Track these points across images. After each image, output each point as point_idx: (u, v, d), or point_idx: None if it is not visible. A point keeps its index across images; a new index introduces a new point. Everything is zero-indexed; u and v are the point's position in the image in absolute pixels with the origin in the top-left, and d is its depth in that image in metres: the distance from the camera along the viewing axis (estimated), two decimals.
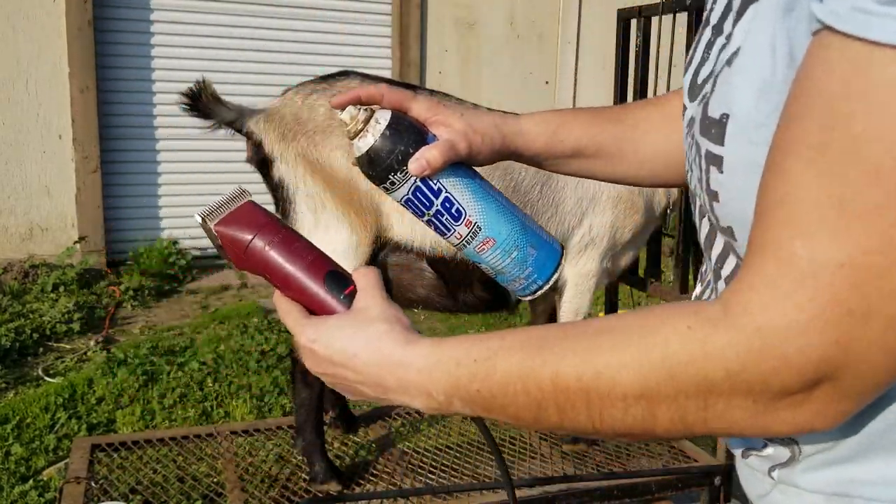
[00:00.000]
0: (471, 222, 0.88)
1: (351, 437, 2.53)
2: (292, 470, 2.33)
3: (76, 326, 4.48)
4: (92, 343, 4.30)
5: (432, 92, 2.19)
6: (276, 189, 2.07)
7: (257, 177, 2.15)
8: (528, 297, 0.94)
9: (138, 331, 4.60)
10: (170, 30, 5.95)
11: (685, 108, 0.76)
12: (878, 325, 0.51)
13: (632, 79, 2.79)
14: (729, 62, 0.64)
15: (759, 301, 0.55)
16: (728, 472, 2.32)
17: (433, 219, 0.89)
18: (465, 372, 0.68)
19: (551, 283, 0.92)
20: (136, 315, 4.93)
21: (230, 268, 5.95)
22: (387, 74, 6.50)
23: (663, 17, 2.61)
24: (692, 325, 0.59)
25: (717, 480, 2.30)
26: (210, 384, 3.66)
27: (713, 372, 0.57)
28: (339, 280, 0.79)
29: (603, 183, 2.29)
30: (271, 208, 2.14)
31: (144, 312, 5.00)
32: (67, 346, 4.29)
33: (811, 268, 0.52)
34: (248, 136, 2.06)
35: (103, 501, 2.10)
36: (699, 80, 0.72)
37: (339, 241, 2.03)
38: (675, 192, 2.48)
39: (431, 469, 2.31)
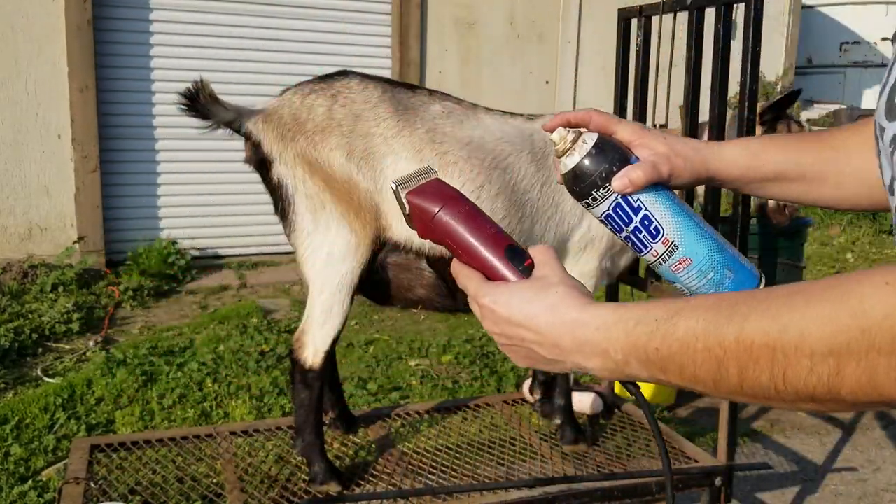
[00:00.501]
0: (668, 241, 0.91)
1: (351, 437, 2.53)
2: (292, 470, 2.32)
3: (75, 327, 4.47)
4: (91, 343, 4.29)
5: (431, 92, 2.18)
6: (276, 190, 2.06)
7: (256, 177, 2.14)
8: None
9: (137, 331, 4.60)
10: (169, 29, 5.94)
11: (882, 128, 0.77)
12: None
13: (632, 78, 2.79)
14: None
15: None
16: (729, 472, 2.31)
17: (631, 235, 0.93)
18: (645, 330, 0.70)
19: None
20: (136, 315, 4.93)
21: (233, 267, 5.94)
22: (387, 74, 6.49)
23: (664, 16, 2.60)
24: (891, 280, 0.58)
25: (717, 481, 2.29)
26: (209, 384, 3.65)
27: None
28: (518, 253, 0.83)
29: None
30: (270, 209, 2.13)
31: (143, 313, 4.99)
32: (66, 347, 4.28)
33: None
34: (247, 136, 2.05)
35: (102, 502, 2.09)
36: None
37: (339, 242, 2.02)
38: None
39: (431, 470, 2.30)
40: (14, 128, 5.43)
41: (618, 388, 2.77)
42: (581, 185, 0.93)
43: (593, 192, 0.92)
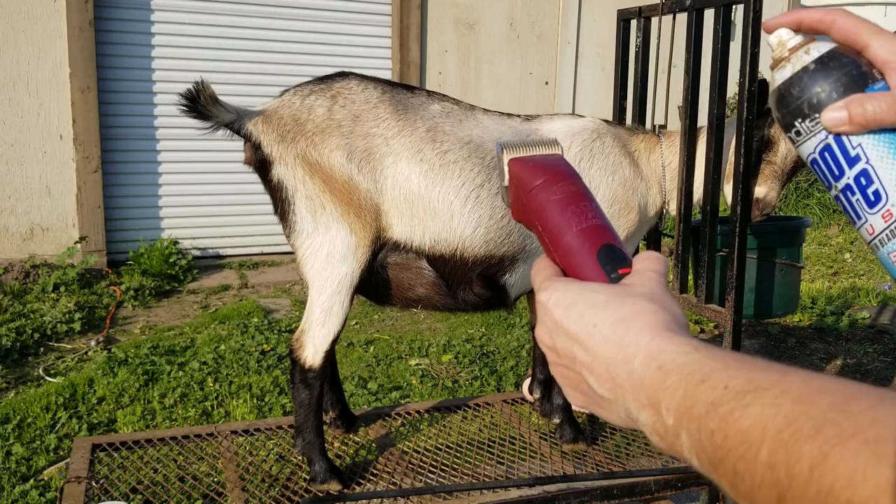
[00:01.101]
0: (892, 215, 0.65)
1: (351, 436, 2.54)
2: (293, 469, 2.33)
3: (77, 326, 4.49)
4: (93, 343, 4.30)
5: (429, 92, 2.19)
6: (275, 191, 2.07)
7: (257, 177, 2.15)
8: None
9: (139, 331, 4.61)
10: (170, 30, 5.96)
11: None
12: None
13: (632, 79, 2.80)
14: None
15: None
16: None
17: (840, 195, 0.68)
18: (708, 397, 0.47)
19: None
20: (137, 315, 4.94)
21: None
22: (387, 75, 6.50)
23: (663, 17, 2.61)
24: None
25: None
26: (210, 384, 3.66)
27: None
28: (615, 257, 0.65)
29: (598, 183, 2.29)
30: (271, 209, 2.14)
31: (145, 312, 5.00)
32: (68, 346, 4.29)
33: None
34: (247, 137, 2.06)
35: (104, 501, 2.10)
36: None
37: (339, 242, 2.04)
38: (671, 192, 2.48)
39: (431, 469, 2.31)
40: (16, 128, 5.45)
41: None
42: (783, 111, 0.68)
43: (797, 124, 0.67)
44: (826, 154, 0.66)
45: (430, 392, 3.74)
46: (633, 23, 2.78)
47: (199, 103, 1.94)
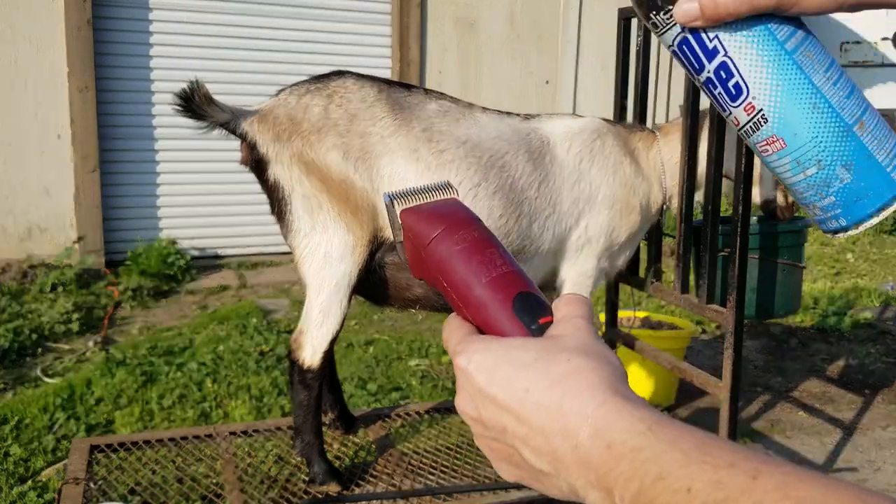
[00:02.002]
0: (753, 108, 0.62)
1: (350, 437, 2.52)
2: (292, 471, 2.32)
3: (75, 327, 4.47)
4: (90, 343, 4.29)
5: (427, 91, 2.18)
6: (272, 190, 2.06)
7: (255, 177, 2.14)
8: (829, 235, 0.68)
9: (137, 331, 4.60)
10: (169, 29, 5.94)
11: None
12: None
13: (632, 78, 2.78)
14: None
15: None
16: None
17: (703, 88, 0.65)
18: (667, 500, 0.43)
19: (865, 227, 0.65)
20: (135, 315, 4.93)
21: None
22: (387, 74, 6.49)
23: None
24: None
25: None
26: (209, 385, 3.65)
27: None
28: (532, 305, 0.60)
29: (599, 184, 2.28)
30: (266, 209, 2.13)
31: (143, 313, 4.99)
32: (66, 347, 4.28)
33: None
34: (243, 137, 2.05)
35: (102, 502, 2.09)
36: None
37: (336, 242, 2.02)
38: (671, 191, 2.47)
39: (431, 470, 2.30)
40: (14, 128, 5.43)
41: None
42: (637, 2, 0.65)
43: (652, 16, 0.63)
44: (684, 47, 0.63)
45: (430, 393, 3.73)
46: (634, 22, 2.76)
47: (194, 103, 1.93)
